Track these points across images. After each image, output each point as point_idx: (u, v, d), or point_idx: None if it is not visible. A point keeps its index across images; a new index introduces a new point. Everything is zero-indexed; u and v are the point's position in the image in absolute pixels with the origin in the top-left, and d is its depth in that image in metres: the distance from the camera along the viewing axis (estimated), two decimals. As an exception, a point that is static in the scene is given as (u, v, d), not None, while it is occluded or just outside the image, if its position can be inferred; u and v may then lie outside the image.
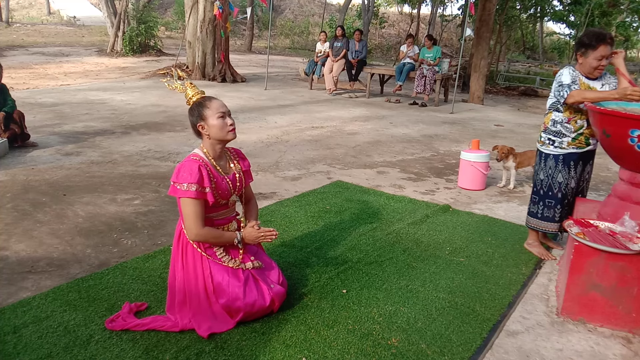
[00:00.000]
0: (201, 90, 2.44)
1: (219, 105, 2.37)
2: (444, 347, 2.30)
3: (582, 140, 3.12)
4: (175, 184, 2.28)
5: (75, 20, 24.77)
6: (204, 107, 2.34)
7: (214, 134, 2.35)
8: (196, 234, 2.30)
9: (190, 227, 2.29)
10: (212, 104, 2.36)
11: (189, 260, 2.35)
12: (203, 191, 2.28)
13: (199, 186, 2.26)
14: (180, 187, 2.26)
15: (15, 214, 3.54)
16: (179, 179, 2.27)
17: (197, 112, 2.35)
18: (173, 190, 2.29)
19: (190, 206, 2.27)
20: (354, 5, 25.82)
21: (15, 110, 5.19)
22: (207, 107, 2.34)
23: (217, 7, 10.83)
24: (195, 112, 2.36)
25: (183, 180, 2.25)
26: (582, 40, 3.06)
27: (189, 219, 2.28)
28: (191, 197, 2.25)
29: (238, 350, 2.19)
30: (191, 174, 2.25)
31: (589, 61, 3.00)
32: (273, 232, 2.41)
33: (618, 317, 2.52)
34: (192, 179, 2.25)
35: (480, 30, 11.31)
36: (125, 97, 8.64)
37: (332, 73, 10.75)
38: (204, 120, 2.34)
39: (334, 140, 6.56)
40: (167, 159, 5.16)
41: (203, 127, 2.35)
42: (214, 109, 2.34)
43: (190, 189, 2.24)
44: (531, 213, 3.38)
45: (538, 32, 29.23)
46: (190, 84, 2.43)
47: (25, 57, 14.03)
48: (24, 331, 2.23)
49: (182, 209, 2.30)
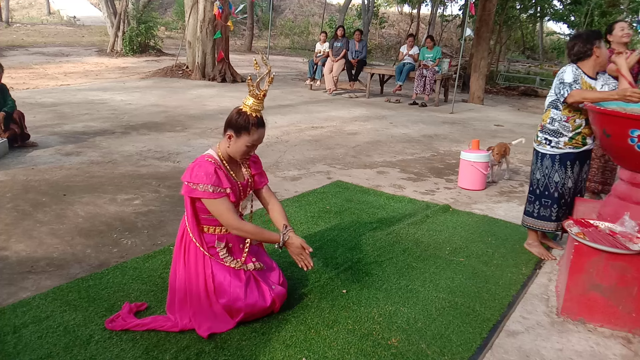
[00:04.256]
0: (261, 107, 2.33)
1: (258, 137, 2.31)
2: (444, 347, 2.30)
3: (579, 140, 3.12)
4: (189, 183, 2.25)
5: (75, 20, 24.75)
6: (247, 129, 2.28)
7: (232, 151, 2.34)
8: (237, 227, 2.29)
9: (228, 223, 2.28)
10: (256, 132, 2.30)
11: (190, 259, 2.35)
12: (224, 192, 2.27)
13: (216, 187, 2.24)
14: (195, 188, 2.23)
15: (15, 214, 3.54)
16: (194, 179, 2.24)
17: (239, 124, 2.28)
18: (188, 190, 2.26)
19: (217, 204, 2.25)
20: (354, 5, 25.81)
21: (15, 110, 5.19)
22: (249, 131, 2.28)
23: (217, 7, 10.83)
24: (239, 123, 2.28)
25: (198, 181, 2.23)
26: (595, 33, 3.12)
27: (223, 217, 2.26)
28: (213, 198, 2.23)
29: (238, 350, 2.19)
30: (207, 175, 2.23)
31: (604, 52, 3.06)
32: (311, 263, 2.38)
33: (618, 317, 2.52)
34: (207, 180, 2.22)
35: (480, 30, 11.31)
36: (125, 97, 8.63)
37: (332, 73, 10.75)
38: (237, 136, 2.30)
39: (334, 140, 6.56)
40: (167, 159, 5.16)
41: (231, 137, 2.31)
42: (252, 138, 2.30)
43: (207, 189, 2.22)
44: (527, 212, 3.39)
45: (538, 32, 29.23)
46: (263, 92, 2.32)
47: (25, 57, 14.02)
48: (24, 331, 2.23)
49: (210, 209, 2.27)
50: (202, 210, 2.34)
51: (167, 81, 11.03)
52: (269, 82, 2.34)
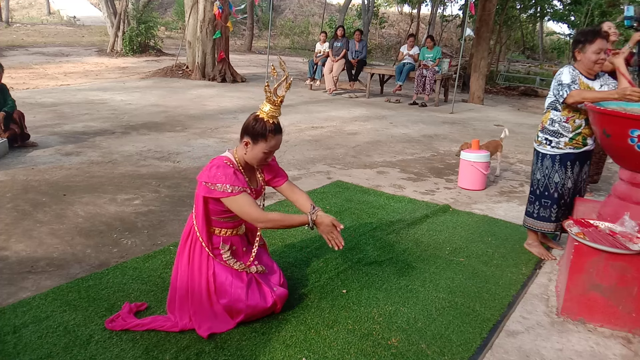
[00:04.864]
0: (278, 113, 2.31)
1: (275, 144, 2.30)
2: (444, 347, 2.30)
3: (579, 140, 3.12)
4: (207, 184, 2.23)
5: (75, 20, 24.74)
6: (265, 136, 2.26)
7: (249, 158, 2.33)
8: (262, 219, 2.25)
9: (252, 218, 2.25)
10: (273, 139, 2.28)
11: (195, 258, 2.35)
12: (243, 189, 2.25)
13: (235, 187, 2.22)
14: (214, 188, 2.22)
15: (15, 214, 3.54)
16: (212, 179, 2.22)
17: (256, 131, 2.26)
18: (206, 190, 2.24)
19: (237, 201, 2.22)
20: (354, 5, 25.80)
21: (15, 110, 5.19)
22: (266, 138, 2.26)
23: (217, 7, 10.83)
24: (256, 130, 2.26)
25: (217, 181, 2.21)
26: (578, 38, 3.09)
27: (245, 212, 2.23)
28: (233, 195, 2.21)
29: (238, 350, 2.19)
30: (226, 176, 2.22)
31: (587, 56, 3.01)
32: (342, 242, 2.32)
33: (618, 317, 2.52)
34: (227, 180, 2.21)
35: (480, 30, 11.31)
36: (125, 97, 8.63)
37: (332, 73, 10.75)
38: (254, 142, 2.28)
39: (334, 140, 6.56)
40: (167, 159, 5.16)
41: (248, 144, 2.29)
42: (269, 145, 2.28)
43: (225, 189, 2.21)
44: (528, 213, 3.39)
45: (538, 32, 29.22)
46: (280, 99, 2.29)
47: (25, 57, 14.02)
48: (24, 331, 2.23)
49: (231, 207, 2.25)
50: (215, 212, 2.34)
51: (167, 81, 11.03)
52: (287, 87, 2.31)
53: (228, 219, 2.39)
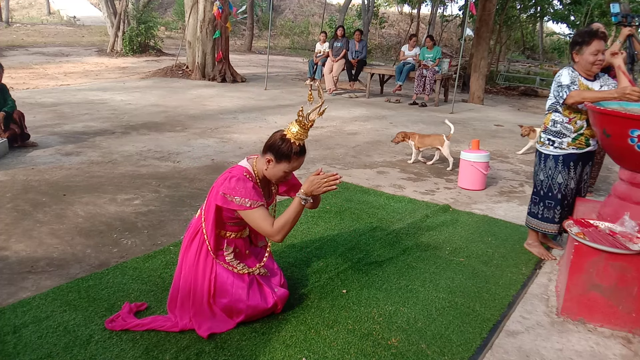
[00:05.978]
0: (306, 137, 2.32)
1: (297, 166, 2.31)
2: (444, 347, 2.30)
3: (582, 140, 3.12)
4: (226, 195, 2.23)
5: (75, 20, 24.74)
6: (289, 158, 2.27)
7: (269, 174, 2.34)
8: (275, 233, 2.23)
9: (266, 233, 2.25)
10: (296, 161, 2.30)
11: (200, 260, 2.35)
12: (260, 204, 2.25)
13: (254, 201, 2.23)
14: (232, 200, 2.22)
15: (15, 214, 3.54)
16: (231, 192, 2.22)
17: (282, 151, 2.26)
18: (224, 201, 2.24)
19: (252, 214, 2.23)
20: (354, 5, 25.81)
21: (15, 110, 5.19)
22: (290, 160, 2.27)
23: (217, 7, 10.83)
24: (281, 150, 2.26)
25: (235, 194, 2.22)
26: (575, 39, 3.10)
27: (261, 227, 2.24)
28: (250, 209, 2.22)
29: (238, 350, 2.19)
30: (246, 190, 2.22)
31: (585, 57, 3.02)
32: (336, 176, 2.23)
33: (618, 317, 2.52)
34: (246, 195, 2.21)
35: (480, 30, 11.31)
36: (125, 97, 8.63)
37: (332, 73, 10.75)
38: (277, 161, 2.28)
39: (334, 140, 6.56)
40: (167, 159, 5.16)
41: (270, 162, 2.30)
42: (292, 166, 2.30)
43: (244, 203, 2.21)
44: (531, 213, 3.38)
45: (538, 32, 29.22)
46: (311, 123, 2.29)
47: (25, 57, 14.02)
48: (24, 331, 2.23)
49: (246, 219, 2.27)
50: (229, 218, 2.35)
51: (167, 81, 11.03)
52: (320, 114, 2.31)
53: (236, 223, 2.40)
